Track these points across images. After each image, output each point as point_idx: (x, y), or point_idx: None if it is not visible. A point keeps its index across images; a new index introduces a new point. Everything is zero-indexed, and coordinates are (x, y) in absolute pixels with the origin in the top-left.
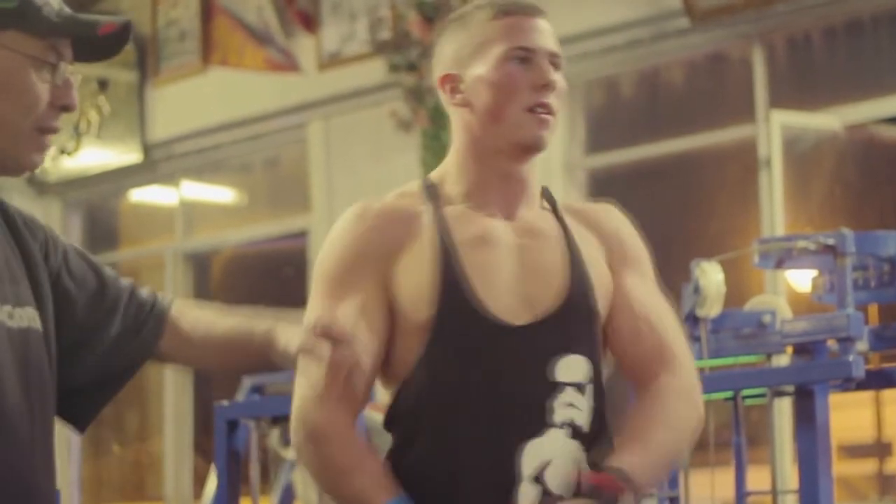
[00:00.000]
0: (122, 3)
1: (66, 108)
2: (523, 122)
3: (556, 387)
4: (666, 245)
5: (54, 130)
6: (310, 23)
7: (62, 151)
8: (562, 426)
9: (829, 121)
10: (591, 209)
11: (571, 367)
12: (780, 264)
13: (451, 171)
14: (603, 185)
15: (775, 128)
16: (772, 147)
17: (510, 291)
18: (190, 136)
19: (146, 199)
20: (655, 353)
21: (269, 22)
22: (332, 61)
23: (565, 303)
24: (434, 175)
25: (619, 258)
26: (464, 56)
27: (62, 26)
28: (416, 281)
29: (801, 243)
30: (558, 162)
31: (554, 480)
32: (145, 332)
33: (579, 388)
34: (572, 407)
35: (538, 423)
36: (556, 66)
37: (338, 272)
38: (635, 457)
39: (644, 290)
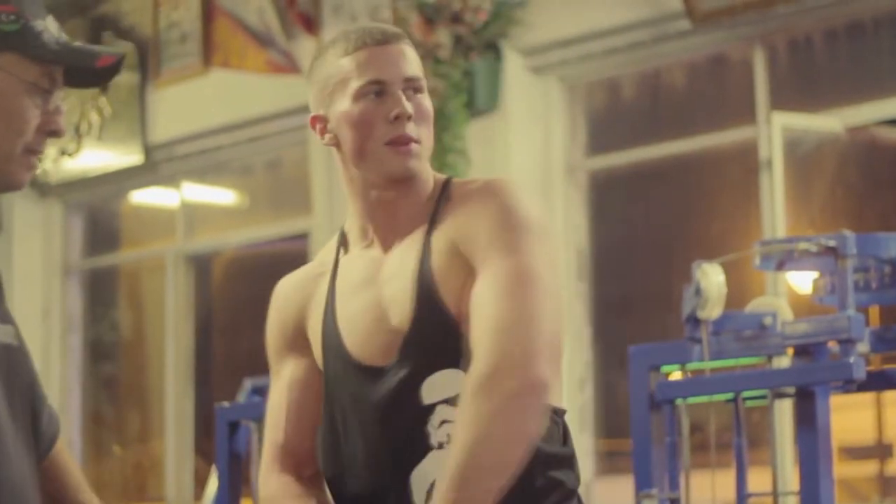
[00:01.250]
0: (124, 5)
1: (54, 134)
2: (385, 157)
3: (429, 409)
4: (667, 247)
5: (40, 153)
6: (311, 24)
7: (63, 153)
8: (440, 446)
9: (830, 123)
10: (471, 193)
11: (438, 385)
12: (781, 266)
13: (350, 212)
14: (604, 188)
15: (776, 130)
16: (773, 149)
17: (373, 334)
18: (191, 137)
19: (147, 200)
20: (474, 362)
21: (270, 24)
22: None
23: (414, 327)
24: (348, 219)
25: (472, 257)
26: (326, 96)
27: (61, 54)
28: (314, 340)
29: (803, 245)
30: (559, 164)
31: None
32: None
33: (451, 401)
34: (447, 423)
35: (420, 449)
36: (417, 89)
37: (271, 354)
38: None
39: (486, 291)
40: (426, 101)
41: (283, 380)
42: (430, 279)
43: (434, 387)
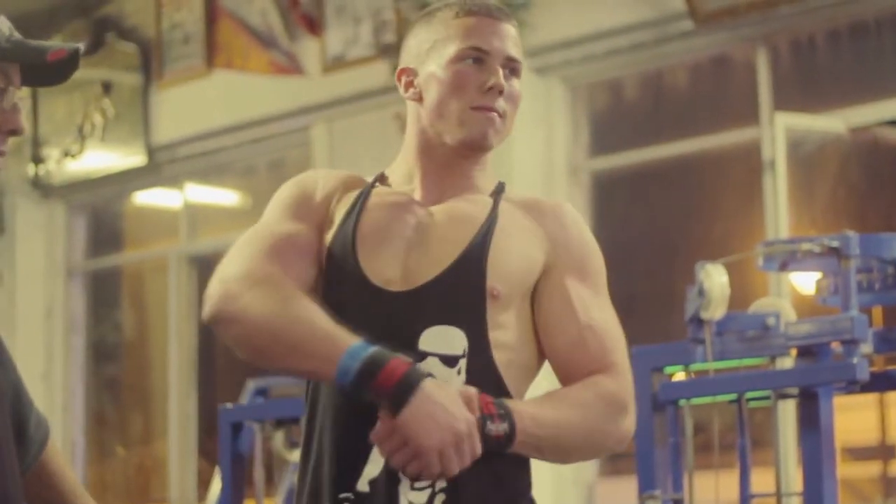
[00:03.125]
0: (127, 7)
1: (14, 133)
2: (467, 120)
3: (421, 357)
4: (670, 248)
5: (1, 154)
6: (314, 26)
7: (66, 154)
8: None
9: (833, 123)
10: (547, 205)
11: (441, 338)
12: (784, 267)
13: (398, 160)
14: (607, 188)
15: (779, 130)
16: (776, 149)
17: (393, 260)
18: (194, 138)
19: (150, 201)
20: (597, 362)
21: (273, 25)
22: (336, 64)
23: (445, 274)
24: (391, 166)
25: (563, 260)
26: (422, 51)
27: (11, 52)
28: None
29: (806, 246)
30: (562, 165)
31: None
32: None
33: (446, 359)
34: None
35: None
36: (513, 71)
37: (281, 201)
38: (528, 408)
39: (590, 299)
40: (517, 86)
41: (287, 228)
42: (486, 242)
43: (437, 338)
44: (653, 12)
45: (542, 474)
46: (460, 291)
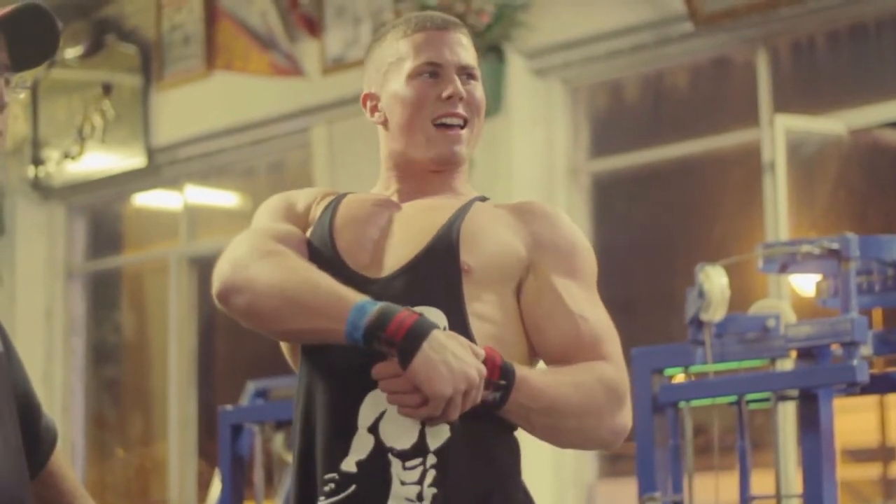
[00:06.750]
0: (127, 8)
1: None
2: (434, 138)
3: None
4: (670, 249)
5: None
6: (314, 27)
7: (66, 156)
8: None
9: (833, 125)
10: (537, 207)
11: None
12: (784, 269)
13: (378, 183)
14: (607, 190)
15: (779, 132)
16: (776, 151)
17: (369, 246)
18: (194, 140)
19: (150, 203)
20: (592, 352)
21: (273, 26)
22: (335, 66)
23: (419, 257)
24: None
25: (551, 259)
26: (381, 75)
27: None
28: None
29: (806, 247)
30: (562, 166)
31: (386, 430)
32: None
33: None
34: None
35: None
36: (470, 76)
37: (272, 210)
38: (533, 375)
39: (581, 295)
40: (478, 91)
41: (281, 226)
42: (456, 226)
43: None
44: (653, 14)
45: (542, 475)
46: (435, 272)
